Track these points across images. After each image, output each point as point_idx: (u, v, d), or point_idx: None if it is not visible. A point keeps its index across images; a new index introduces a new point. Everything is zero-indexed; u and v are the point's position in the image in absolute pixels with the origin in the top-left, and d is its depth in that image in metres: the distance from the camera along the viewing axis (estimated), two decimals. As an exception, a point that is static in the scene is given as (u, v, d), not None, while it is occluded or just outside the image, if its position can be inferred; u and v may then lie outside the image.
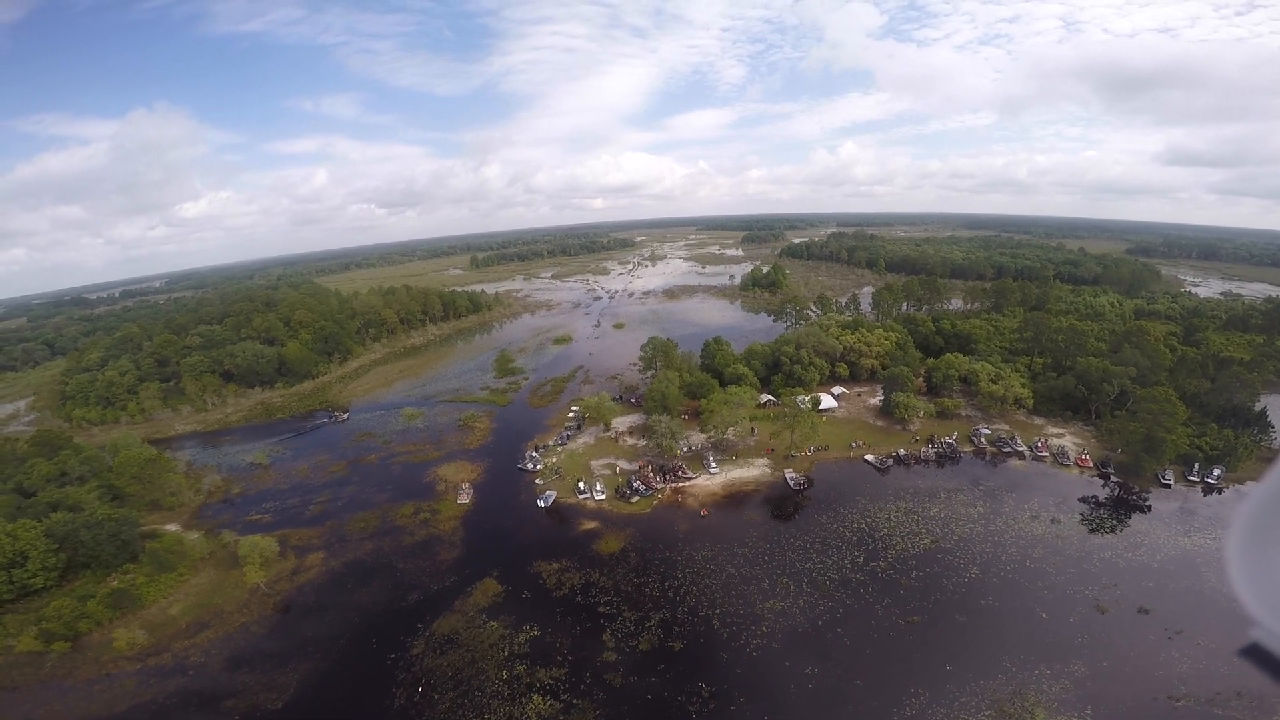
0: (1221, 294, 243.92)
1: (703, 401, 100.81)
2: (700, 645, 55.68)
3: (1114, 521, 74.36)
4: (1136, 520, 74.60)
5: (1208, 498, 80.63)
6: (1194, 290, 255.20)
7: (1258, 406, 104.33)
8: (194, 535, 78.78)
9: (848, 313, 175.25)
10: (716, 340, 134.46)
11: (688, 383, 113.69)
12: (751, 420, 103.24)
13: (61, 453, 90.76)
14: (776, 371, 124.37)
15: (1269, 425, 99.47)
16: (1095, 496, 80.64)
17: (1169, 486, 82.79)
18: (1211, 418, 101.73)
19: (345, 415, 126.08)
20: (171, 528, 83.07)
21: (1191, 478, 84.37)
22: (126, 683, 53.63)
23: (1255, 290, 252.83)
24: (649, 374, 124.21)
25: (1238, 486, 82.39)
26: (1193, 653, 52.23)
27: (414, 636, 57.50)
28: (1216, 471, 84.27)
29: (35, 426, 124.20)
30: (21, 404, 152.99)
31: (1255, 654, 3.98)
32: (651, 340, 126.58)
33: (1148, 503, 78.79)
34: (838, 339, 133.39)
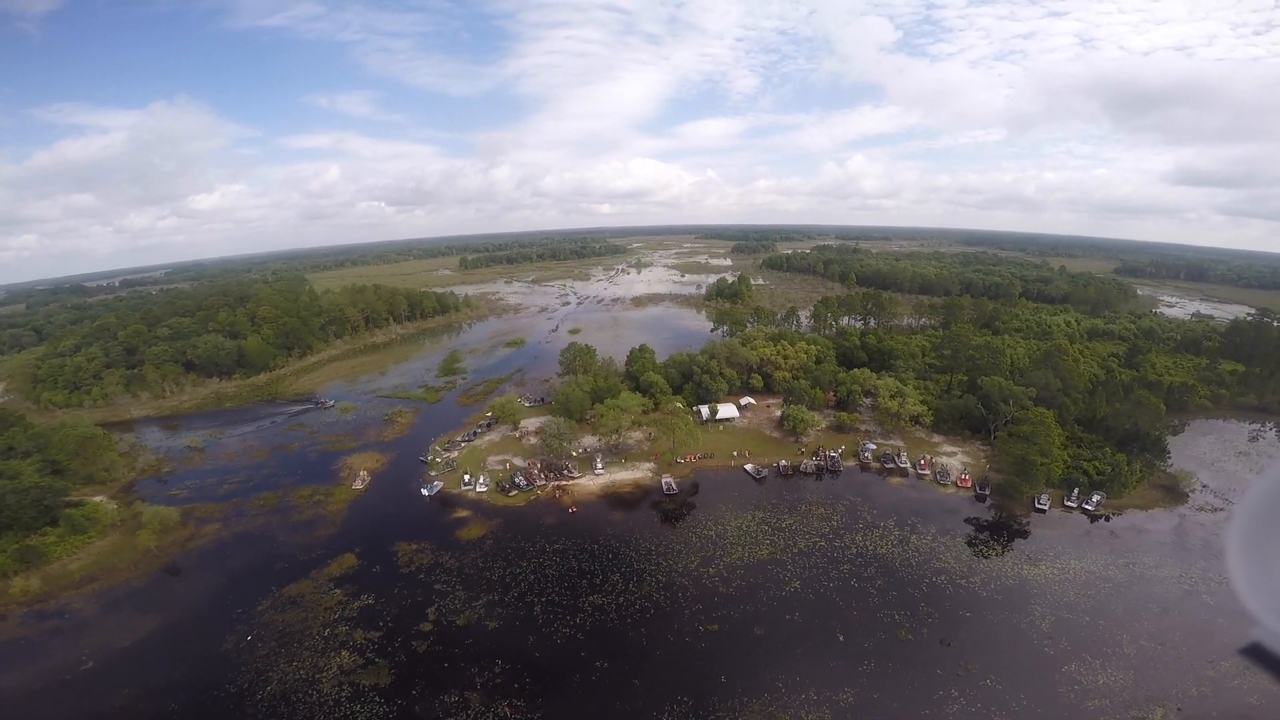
0: (1192, 315, 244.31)
1: (597, 406, 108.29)
2: (514, 628, 60.09)
3: (965, 545, 73.15)
4: (992, 545, 73.47)
5: (1080, 525, 79.34)
6: (1166, 311, 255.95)
7: (1157, 432, 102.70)
8: (112, 505, 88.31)
9: (785, 325, 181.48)
10: (641, 348, 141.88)
11: (598, 388, 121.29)
12: (646, 426, 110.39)
13: (11, 429, 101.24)
14: (690, 380, 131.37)
15: (1165, 452, 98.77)
16: (965, 518, 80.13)
17: (1043, 511, 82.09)
18: (1115, 441, 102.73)
19: (332, 403, 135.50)
20: (99, 499, 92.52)
21: (1069, 503, 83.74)
22: (11, 621, 63.13)
23: (1231, 312, 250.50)
24: (566, 378, 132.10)
25: (1118, 515, 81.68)
26: (971, 692, 50.88)
27: (265, 597, 65.82)
28: (1096, 497, 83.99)
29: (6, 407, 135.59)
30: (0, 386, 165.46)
31: (1255, 653, 4.04)
32: (571, 346, 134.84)
33: (1014, 527, 78.11)
34: (757, 351, 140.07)
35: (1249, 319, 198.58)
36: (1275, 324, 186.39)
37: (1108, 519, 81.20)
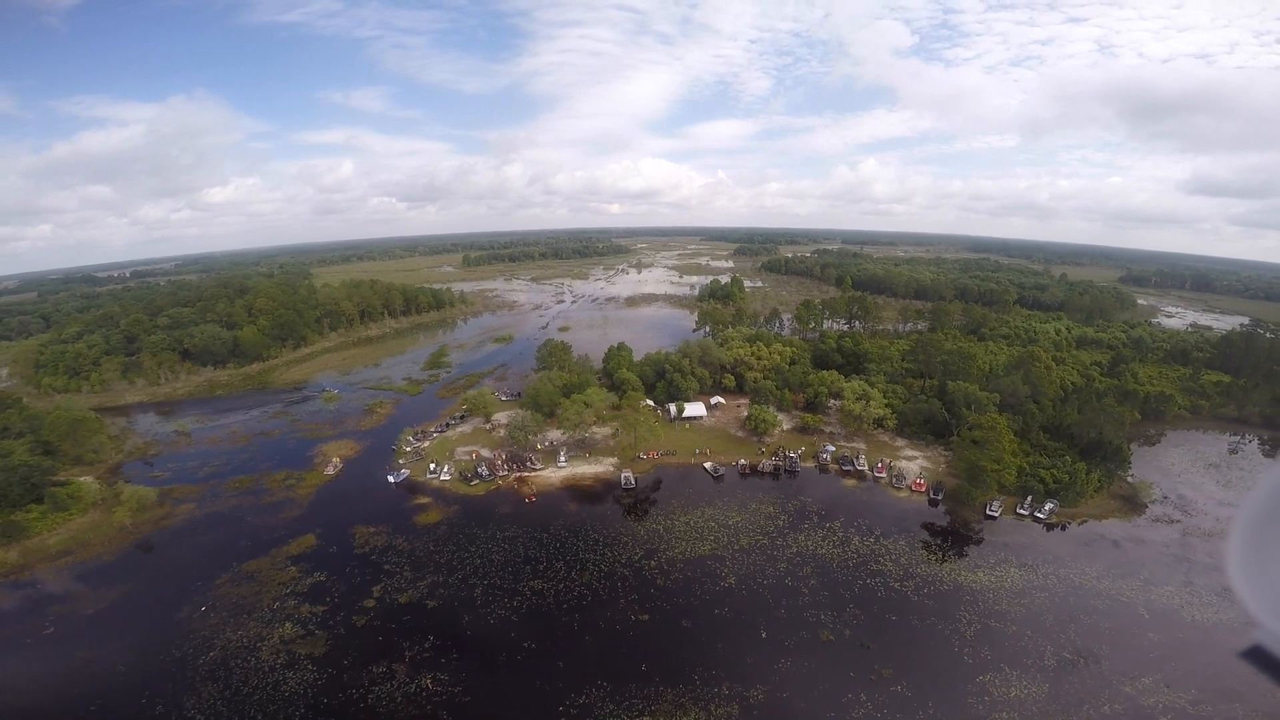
0: (1189, 326, 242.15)
1: (563, 401, 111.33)
2: (452, 607, 62.52)
3: (907, 549, 73.39)
4: (935, 550, 73.78)
5: (1030, 532, 79.18)
6: (1165, 321, 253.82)
7: (1119, 441, 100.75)
8: (96, 485, 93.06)
9: (766, 327, 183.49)
10: (619, 346, 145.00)
11: (569, 383, 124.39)
12: (611, 421, 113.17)
13: (6, 411, 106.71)
14: (663, 378, 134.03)
15: (1126, 462, 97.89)
16: (915, 522, 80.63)
17: (994, 518, 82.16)
18: (1079, 450, 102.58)
19: (332, 390, 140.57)
20: (85, 479, 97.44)
21: (1021, 510, 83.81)
22: (-14, 590, 67.40)
23: (1231, 322, 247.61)
24: (541, 373, 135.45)
25: (1071, 524, 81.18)
26: (879, 697, 51.14)
27: (225, 571, 69.79)
28: (1048, 506, 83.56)
29: (7, 390, 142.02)
30: (4, 371, 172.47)
31: (1256, 656, 4.09)
32: (547, 342, 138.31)
33: (962, 533, 78.32)
34: (731, 351, 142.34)
35: (1240, 330, 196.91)
36: (1267, 335, 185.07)
37: (1063, 528, 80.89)
